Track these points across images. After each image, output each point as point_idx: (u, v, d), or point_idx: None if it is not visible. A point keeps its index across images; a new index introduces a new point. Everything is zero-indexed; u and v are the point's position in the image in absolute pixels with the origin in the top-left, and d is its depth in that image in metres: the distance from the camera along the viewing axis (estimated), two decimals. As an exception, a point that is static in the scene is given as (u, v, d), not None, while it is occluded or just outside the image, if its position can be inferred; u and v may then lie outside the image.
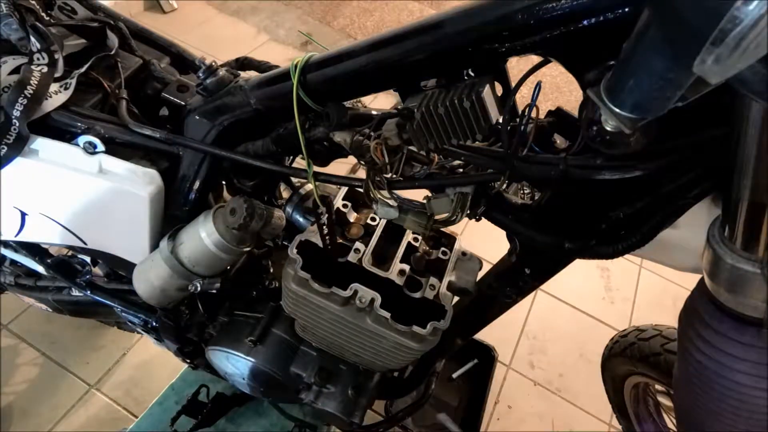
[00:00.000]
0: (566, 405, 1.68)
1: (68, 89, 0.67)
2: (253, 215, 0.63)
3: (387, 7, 3.07)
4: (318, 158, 0.63)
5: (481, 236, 1.19)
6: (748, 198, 0.35)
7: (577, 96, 1.16)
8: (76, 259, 0.94)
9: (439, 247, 0.73)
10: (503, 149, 0.46)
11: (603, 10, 0.35)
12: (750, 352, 0.38)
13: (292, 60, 0.54)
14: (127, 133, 0.67)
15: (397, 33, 0.47)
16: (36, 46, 0.65)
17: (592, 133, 0.39)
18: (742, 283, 0.37)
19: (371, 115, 0.55)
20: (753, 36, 0.20)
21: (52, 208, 0.71)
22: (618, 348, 1.10)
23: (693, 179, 0.43)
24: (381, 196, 0.55)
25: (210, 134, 0.66)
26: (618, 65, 0.34)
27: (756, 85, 0.26)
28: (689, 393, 0.45)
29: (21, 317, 1.65)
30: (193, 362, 1.06)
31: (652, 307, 1.94)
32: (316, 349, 0.83)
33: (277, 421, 1.17)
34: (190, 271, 0.67)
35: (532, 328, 1.84)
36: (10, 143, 0.61)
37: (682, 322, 0.45)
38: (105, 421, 1.49)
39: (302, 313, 0.71)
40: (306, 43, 2.79)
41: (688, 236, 0.47)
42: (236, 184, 0.75)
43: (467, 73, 0.45)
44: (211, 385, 1.09)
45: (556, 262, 0.57)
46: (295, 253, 0.65)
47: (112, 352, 1.61)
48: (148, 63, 0.77)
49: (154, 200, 0.67)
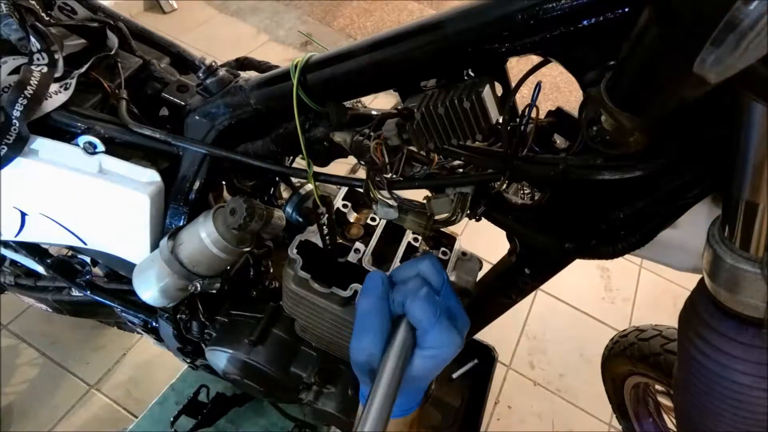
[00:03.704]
0: (566, 405, 1.68)
1: (68, 89, 0.67)
2: (253, 215, 0.63)
3: (387, 7, 3.07)
4: (318, 158, 0.63)
5: (481, 236, 1.20)
6: (748, 198, 0.35)
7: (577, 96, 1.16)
8: (76, 259, 0.94)
9: (439, 247, 0.73)
10: (503, 149, 0.46)
11: (603, 10, 0.35)
12: (750, 352, 0.38)
13: (292, 60, 0.54)
14: (127, 133, 0.67)
15: (397, 33, 0.47)
16: (36, 46, 0.65)
17: (592, 133, 0.39)
18: (742, 283, 0.37)
19: (371, 115, 0.55)
20: (753, 36, 0.20)
21: (52, 208, 0.71)
22: (618, 348, 1.10)
23: (693, 179, 0.43)
24: (381, 196, 0.55)
25: (210, 134, 0.66)
26: (618, 65, 0.34)
27: (756, 86, 0.26)
28: (689, 393, 0.45)
29: (21, 317, 1.65)
30: (193, 362, 1.06)
31: (652, 307, 1.94)
32: (316, 349, 0.83)
33: (277, 421, 1.17)
34: (190, 271, 0.67)
35: (532, 328, 1.84)
36: (10, 143, 0.61)
37: (682, 322, 0.45)
38: (105, 421, 1.49)
39: (302, 313, 0.71)
40: (306, 43, 2.80)
41: (688, 236, 0.47)
42: (236, 184, 0.75)
43: (467, 73, 0.45)
44: (211, 385, 1.09)
45: (556, 262, 0.57)
46: (295, 253, 0.66)
47: (112, 352, 1.62)
48: (148, 63, 0.77)
49: (154, 200, 0.67)
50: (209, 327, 0.88)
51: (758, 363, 0.38)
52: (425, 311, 0.44)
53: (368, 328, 0.46)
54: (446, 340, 0.45)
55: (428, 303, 0.45)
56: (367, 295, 0.47)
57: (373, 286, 0.48)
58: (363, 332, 0.46)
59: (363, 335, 0.46)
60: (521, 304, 0.70)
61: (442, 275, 0.49)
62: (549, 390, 1.71)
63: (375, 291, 0.47)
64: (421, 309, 0.44)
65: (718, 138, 0.38)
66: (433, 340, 0.45)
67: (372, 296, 0.47)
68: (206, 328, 0.88)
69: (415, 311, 0.44)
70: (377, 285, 0.47)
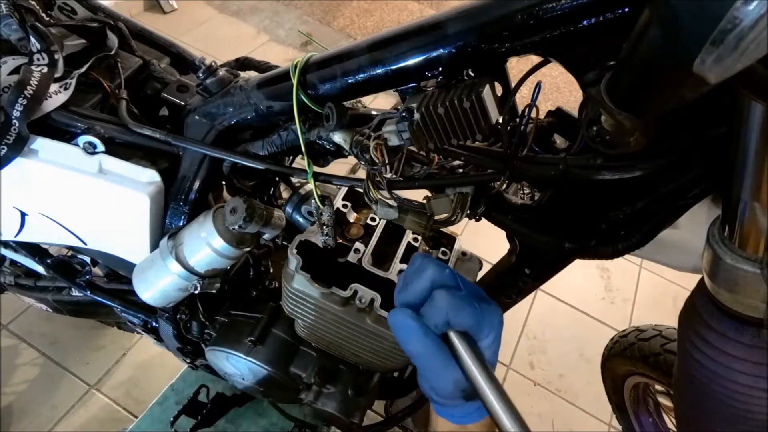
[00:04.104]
0: (566, 405, 1.68)
1: (68, 89, 0.67)
2: (253, 215, 0.63)
3: (387, 7, 3.07)
4: (318, 158, 0.63)
5: (481, 236, 1.20)
6: (748, 198, 0.35)
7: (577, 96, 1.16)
8: (76, 259, 0.94)
9: (439, 247, 0.73)
10: (503, 149, 0.46)
11: (603, 10, 0.35)
12: (750, 352, 0.38)
13: (292, 60, 0.54)
14: (127, 133, 0.67)
15: (397, 33, 0.47)
16: (36, 46, 0.65)
17: (592, 133, 0.39)
18: (742, 283, 0.37)
19: (371, 115, 0.55)
20: (753, 36, 0.20)
21: (52, 208, 0.71)
22: (618, 348, 1.10)
23: (693, 179, 0.43)
24: (381, 196, 0.55)
25: (210, 134, 0.66)
26: (618, 65, 0.34)
27: (756, 86, 0.26)
28: (689, 393, 0.45)
29: (21, 317, 1.65)
30: (193, 362, 1.06)
31: (652, 307, 1.94)
32: (316, 349, 0.83)
33: (277, 421, 1.17)
34: (190, 271, 0.67)
35: (532, 328, 1.84)
36: (10, 143, 0.61)
37: (682, 322, 0.45)
38: (105, 421, 1.49)
39: (302, 313, 0.71)
40: (306, 43, 2.80)
41: (688, 236, 0.47)
42: (236, 184, 0.75)
43: (467, 73, 0.45)
44: (211, 385, 1.09)
45: (556, 262, 0.57)
46: (295, 253, 0.65)
47: (112, 352, 1.61)
48: (148, 63, 0.77)
49: (154, 200, 0.67)
50: (209, 327, 0.87)
51: (758, 363, 0.38)
52: (468, 314, 0.44)
53: (437, 365, 0.45)
54: (494, 319, 0.46)
55: (465, 304, 0.45)
56: (410, 340, 0.46)
57: (408, 326, 0.46)
58: (435, 371, 0.46)
59: (438, 373, 0.46)
60: (521, 304, 0.70)
61: (447, 269, 0.48)
62: (549, 390, 1.71)
63: (414, 330, 0.46)
64: (465, 315, 0.44)
65: (718, 138, 0.38)
66: (488, 327, 0.45)
67: (416, 336, 0.46)
68: (206, 328, 0.88)
69: (462, 321, 0.44)
70: (412, 324, 0.46)
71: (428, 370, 0.46)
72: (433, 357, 0.45)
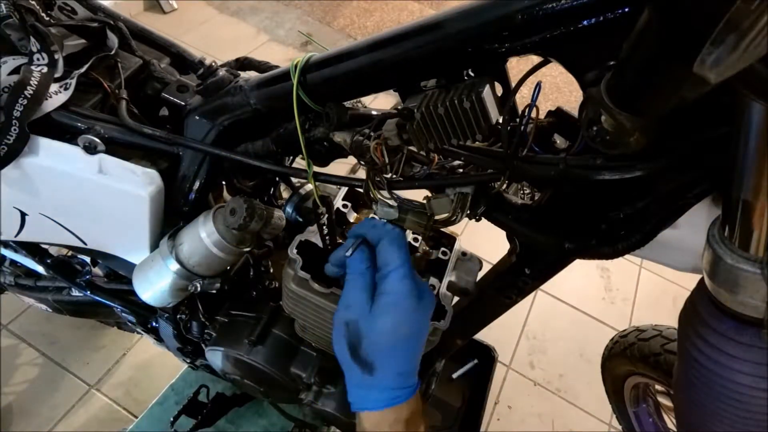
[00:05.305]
0: (566, 405, 1.68)
1: (68, 89, 0.67)
2: (253, 215, 0.63)
3: (387, 7, 3.07)
4: (318, 158, 0.63)
5: (481, 236, 1.20)
6: (748, 198, 0.35)
7: (577, 96, 1.16)
8: (76, 259, 0.94)
9: (439, 247, 0.73)
10: (503, 149, 0.46)
11: (603, 10, 0.35)
12: (750, 352, 0.38)
13: (292, 60, 0.54)
14: (127, 133, 0.67)
15: (397, 33, 0.47)
16: (36, 46, 0.65)
17: (592, 133, 0.39)
18: (742, 283, 0.37)
19: (371, 115, 0.55)
20: (753, 36, 0.20)
21: (53, 208, 0.71)
22: (618, 348, 1.10)
23: (693, 179, 0.43)
24: (381, 196, 0.55)
25: (210, 134, 0.66)
26: (618, 65, 0.34)
27: (756, 86, 0.26)
28: (689, 393, 0.45)
29: (21, 317, 1.65)
30: (193, 362, 1.06)
31: (652, 307, 1.94)
32: (316, 349, 0.83)
33: (277, 421, 1.17)
34: (190, 271, 0.67)
35: (532, 328, 1.84)
36: (10, 143, 0.61)
37: (682, 322, 0.45)
38: (105, 421, 1.49)
39: (302, 313, 0.71)
40: (306, 43, 2.80)
41: (688, 236, 0.47)
42: (236, 184, 0.75)
43: (467, 73, 0.45)
44: (211, 385, 1.09)
45: (556, 262, 0.57)
46: (295, 253, 0.65)
47: (112, 352, 1.62)
48: (148, 63, 0.77)
49: (154, 200, 0.67)
50: (209, 327, 0.88)
51: (758, 363, 0.38)
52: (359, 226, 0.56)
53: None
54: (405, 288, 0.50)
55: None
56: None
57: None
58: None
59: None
60: (521, 304, 0.70)
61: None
62: (549, 390, 1.71)
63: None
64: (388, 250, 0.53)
65: (718, 138, 0.38)
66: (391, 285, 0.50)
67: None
68: (206, 328, 0.88)
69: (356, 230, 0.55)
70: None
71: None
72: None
